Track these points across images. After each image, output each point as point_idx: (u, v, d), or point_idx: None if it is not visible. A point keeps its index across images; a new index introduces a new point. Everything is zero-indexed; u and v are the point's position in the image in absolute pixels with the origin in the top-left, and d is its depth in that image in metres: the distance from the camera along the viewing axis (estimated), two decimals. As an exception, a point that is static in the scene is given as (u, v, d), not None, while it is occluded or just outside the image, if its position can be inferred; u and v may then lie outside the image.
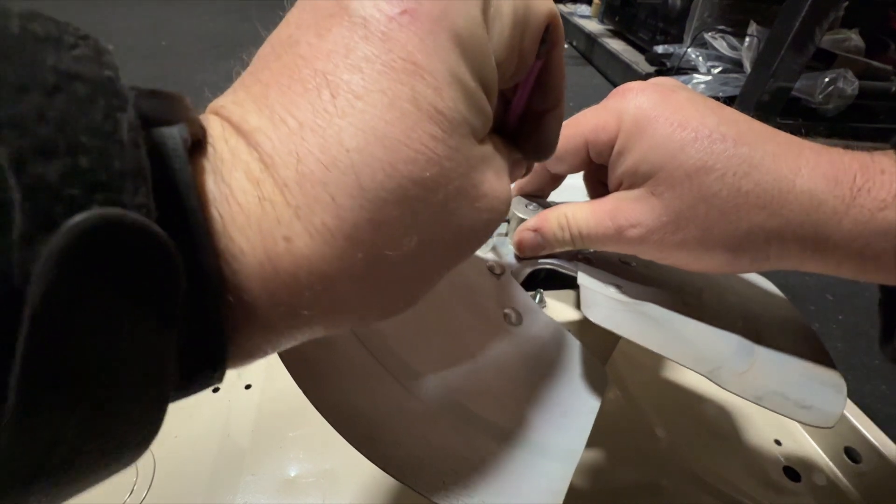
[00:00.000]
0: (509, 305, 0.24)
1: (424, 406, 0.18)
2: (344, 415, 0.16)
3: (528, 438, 0.19)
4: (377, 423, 0.17)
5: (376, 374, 0.18)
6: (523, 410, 0.20)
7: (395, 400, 0.18)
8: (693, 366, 0.20)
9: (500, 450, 0.18)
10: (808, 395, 0.21)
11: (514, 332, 0.23)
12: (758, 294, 0.29)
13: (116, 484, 0.28)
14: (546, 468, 0.18)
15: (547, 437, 0.19)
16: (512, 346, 0.22)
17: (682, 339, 0.22)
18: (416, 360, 0.19)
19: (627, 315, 0.23)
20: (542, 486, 0.17)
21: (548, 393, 0.21)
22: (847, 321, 0.56)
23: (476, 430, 0.18)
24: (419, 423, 0.18)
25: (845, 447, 0.33)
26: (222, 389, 0.35)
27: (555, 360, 0.23)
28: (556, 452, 0.19)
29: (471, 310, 0.23)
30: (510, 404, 0.20)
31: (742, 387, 0.21)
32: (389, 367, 0.19)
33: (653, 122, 0.20)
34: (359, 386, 0.17)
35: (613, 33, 1.58)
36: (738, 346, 0.23)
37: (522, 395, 0.21)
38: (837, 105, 0.95)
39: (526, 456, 0.18)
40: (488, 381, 0.20)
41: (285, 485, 0.29)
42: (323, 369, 0.17)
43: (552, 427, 0.20)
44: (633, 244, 0.21)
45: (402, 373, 0.19)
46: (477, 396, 0.19)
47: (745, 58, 1.04)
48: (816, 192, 0.18)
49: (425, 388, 0.19)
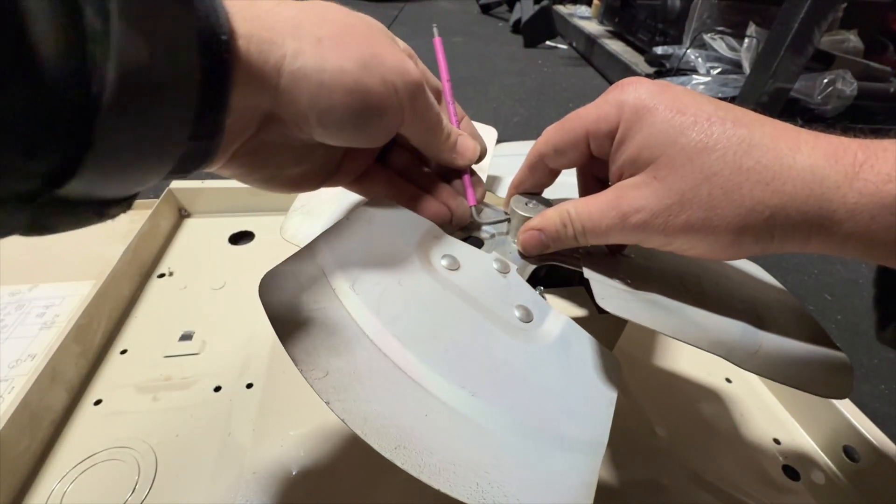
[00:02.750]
0: (518, 303, 0.24)
1: (450, 410, 0.18)
2: (374, 426, 0.16)
3: (552, 434, 0.19)
4: (407, 431, 0.17)
5: (399, 381, 0.18)
6: (544, 406, 0.20)
7: (420, 406, 0.18)
8: (710, 348, 0.21)
9: (527, 447, 0.18)
10: (817, 371, 0.22)
11: (526, 329, 0.23)
12: (752, 280, 0.29)
13: (119, 482, 0.28)
14: (574, 462, 0.18)
15: (570, 430, 0.19)
16: (526, 344, 0.22)
17: (694, 324, 0.23)
18: (437, 364, 0.19)
19: (640, 304, 0.23)
20: (572, 480, 0.18)
21: (566, 387, 0.21)
22: (846, 321, 0.57)
23: (501, 429, 0.18)
24: (447, 427, 0.18)
25: (844, 446, 0.33)
26: (224, 388, 0.35)
27: (569, 353, 0.23)
28: (581, 445, 0.19)
29: (482, 310, 0.23)
30: (530, 401, 0.20)
31: (758, 366, 0.21)
32: (411, 372, 0.19)
33: (652, 110, 0.21)
34: (384, 394, 0.17)
35: (613, 34, 1.58)
36: (744, 330, 0.23)
37: (541, 391, 0.21)
38: (836, 106, 0.96)
39: (553, 451, 0.18)
40: (507, 379, 0.20)
41: (286, 483, 0.29)
42: (345, 381, 0.17)
43: (574, 420, 0.20)
44: (638, 231, 0.21)
45: (424, 378, 0.19)
46: (497, 396, 0.19)
47: (745, 59, 1.04)
48: (818, 168, 0.18)
49: (449, 392, 0.19)
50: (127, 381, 0.34)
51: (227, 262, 0.47)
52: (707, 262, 0.29)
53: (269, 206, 0.53)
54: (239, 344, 0.38)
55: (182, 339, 0.38)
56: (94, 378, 0.35)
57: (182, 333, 0.39)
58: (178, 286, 0.44)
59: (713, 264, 0.29)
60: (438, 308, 0.22)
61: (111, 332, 0.38)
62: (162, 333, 0.39)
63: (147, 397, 0.33)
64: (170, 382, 0.35)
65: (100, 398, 0.33)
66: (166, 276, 0.45)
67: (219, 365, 0.36)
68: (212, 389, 0.35)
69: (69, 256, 0.47)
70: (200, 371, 0.36)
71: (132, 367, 0.36)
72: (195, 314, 0.41)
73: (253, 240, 0.51)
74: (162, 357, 0.37)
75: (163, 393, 0.34)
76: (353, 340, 0.19)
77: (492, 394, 0.19)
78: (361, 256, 0.22)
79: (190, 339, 0.38)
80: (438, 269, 0.24)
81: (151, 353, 0.37)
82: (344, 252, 0.22)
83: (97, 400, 0.33)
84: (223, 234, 0.51)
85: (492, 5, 2.17)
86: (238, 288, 0.44)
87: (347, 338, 0.19)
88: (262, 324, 0.40)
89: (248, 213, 0.54)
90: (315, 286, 0.20)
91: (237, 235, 0.51)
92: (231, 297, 0.43)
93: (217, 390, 0.35)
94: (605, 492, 0.31)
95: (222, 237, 0.50)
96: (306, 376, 0.17)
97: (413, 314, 0.21)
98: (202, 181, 0.53)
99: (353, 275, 0.21)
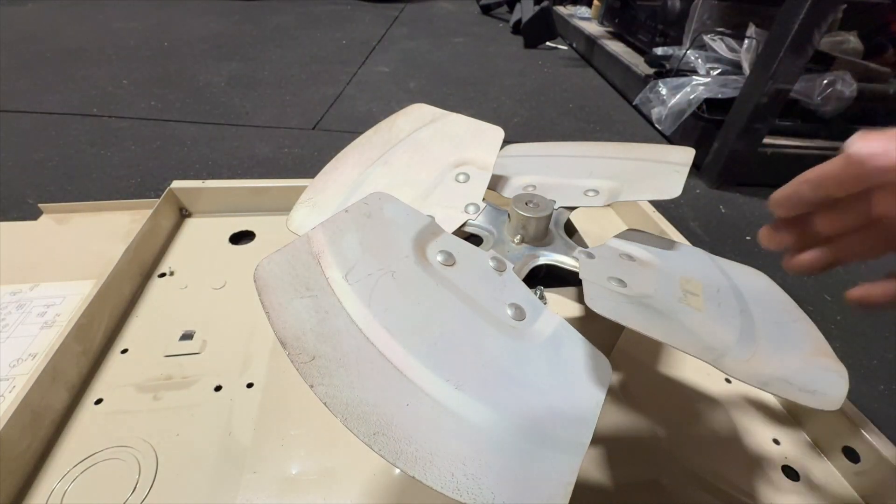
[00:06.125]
0: (512, 301, 0.24)
1: (433, 401, 0.18)
2: (355, 412, 0.16)
3: (534, 431, 0.19)
4: (387, 419, 0.17)
5: (385, 371, 0.19)
6: (529, 404, 0.20)
7: (404, 395, 0.18)
8: (698, 354, 0.20)
9: (508, 443, 0.18)
10: (812, 380, 0.22)
11: (517, 328, 0.23)
12: (754, 286, 0.29)
13: (119, 481, 0.28)
14: (554, 460, 0.18)
15: (554, 429, 0.19)
16: (516, 341, 0.22)
17: (685, 330, 0.23)
18: (424, 356, 0.20)
19: (631, 307, 0.23)
20: (550, 478, 0.18)
21: (553, 386, 0.21)
22: (845, 322, 0.57)
23: (484, 423, 0.18)
24: (428, 417, 0.18)
25: (844, 447, 0.33)
26: (224, 388, 0.35)
27: (559, 353, 0.23)
28: (563, 445, 0.19)
29: (474, 306, 0.23)
30: (516, 398, 0.20)
31: (747, 374, 0.21)
32: (397, 363, 0.19)
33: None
34: (368, 382, 0.18)
35: (613, 35, 1.59)
36: (739, 335, 0.23)
37: (528, 388, 0.21)
38: (836, 107, 0.96)
39: (533, 448, 0.18)
40: (493, 375, 0.20)
41: (286, 483, 0.29)
42: (331, 367, 0.17)
43: (559, 420, 0.20)
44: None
45: (410, 369, 0.19)
46: (483, 391, 0.19)
47: (744, 60, 1.04)
48: None
49: (433, 384, 0.19)
50: (127, 381, 0.34)
51: (227, 261, 0.47)
52: (711, 268, 0.29)
53: (269, 206, 0.53)
54: (239, 343, 0.38)
55: (182, 338, 0.38)
56: (95, 377, 0.35)
57: (182, 333, 0.39)
58: (179, 286, 0.44)
59: (716, 270, 0.29)
60: (430, 302, 0.22)
61: (112, 332, 0.38)
62: (162, 333, 0.39)
63: (148, 397, 0.33)
64: (170, 382, 0.35)
65: (100, 397, 0.33)
66: (167, 276, 0.45)
67: (219, 364, 0.36)
68: (212, 389, 0.35)
69: (70, 256, 0.47)
70: (201, 370, 0.36)
71: (133, 366, 0.36)
72: (196, 314, 0.41)
73: (254, 239, 0.51)
74: (162, 356, 0.37)
75: (163, 392, 0.34)
76: (342, 328, 0.19)
77: (477, 388, 0.19)
78: (357, 248, 0.23)
79: (190, 339, 0.38)
80: (434, 263, 0.24)
81: (152, 352, 0.37)
82: (340, 242, 0.22)
83: (98, 399, 0.33)
84: (224, 233, 0.51)
85: (492, 6, 2.17)
86: (238, 288, 0.44)
87: (337, 326, 0.19)
88: (263, 323, 0.40)
89: (248, 212, 0.54)
90: (309, 274, 0.20)
91: (238, 235, 0.51)
92: (231, 297, 0.43)
93: (217, 390, 0.35)
94: (605, 492, 0.31)
95: (223, 237, 0.51)
96: (293, 359, 0.17)
97: (404, 306, 0.21)
98: (203, 181, 0.53)
99: (348, 265, 0.21)
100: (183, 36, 1.51)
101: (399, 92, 1.16)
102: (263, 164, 0.81)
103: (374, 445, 0.16)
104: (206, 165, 0.80)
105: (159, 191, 0.48)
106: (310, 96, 1.12)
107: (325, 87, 1.17)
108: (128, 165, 0.78)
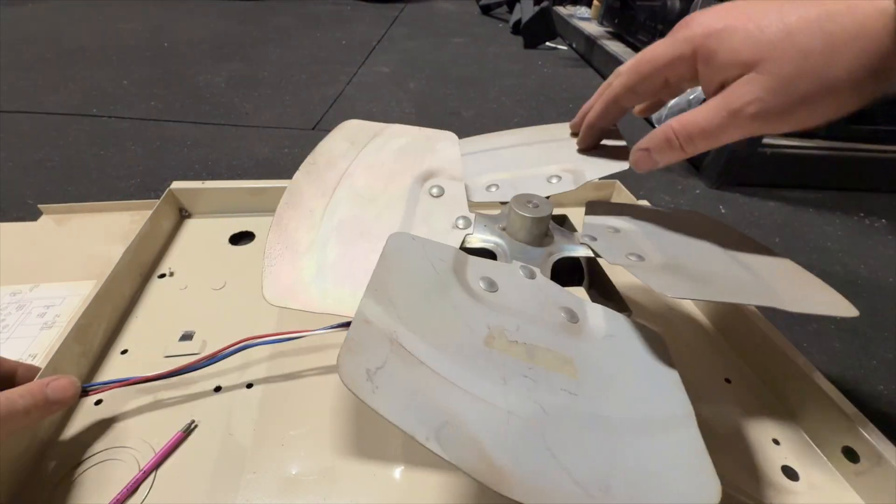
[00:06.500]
0: (559, 305, 0.24)
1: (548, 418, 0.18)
2: None
3: (643, 421, 0.19)
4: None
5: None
6: (622, 397, 0.20)
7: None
8: (759, 302, 0.24)
9: (627, 441, 0.18)
10: (826, 302, 0.26)
11: (578, 328, 0.23)
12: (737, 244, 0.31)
13: (119, 482, 0.28)
14: (676, 438, 0.18)
15: (656, 412, 0.19)
16: (588, 343, 0.22)
17: (737, 284, 0.25)
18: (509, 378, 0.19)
19: (645, 269, 0.24)
20: (684, 455, 0.18)
21: (636, 375, 0.21)
22: (845, 322, 0.56)
23: (594, 428, 0.18)
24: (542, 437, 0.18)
25: (844, 447, 0.33)
26: (224, 388, 0.35)
27: (624, 343, 0.23)
28: (673, 422, 0.19)
29: (538, 323, 0.23)
30: (610, 395, 0.20)
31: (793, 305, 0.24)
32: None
33: (723, 30, 0.23)
34: (506, 441, 0.17)
35: (613, 35, 1.58)
36: (758, 284, 0.25)
37: (619, 383, 0.21)
38: (836, 107, 0.96)
39: (651, 439, 0.18)
40: (590, 379, 0.21)
41: (286, 483, 0.29)
42: (454, 434, 0.17)
43: (655, 403, 0.20)
44: (753, 120, 0.23)
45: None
46: (592, 397, 0.19)
47: (744, 60, 1.05)
48: None
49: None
50: (127, 381, 0.34)
51: (227, 262, 0.47)
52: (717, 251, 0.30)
53: (269, 206, 0.53)
54: (239, 344, 0.38)
55: (182, 339, 0.38)
56: (95, 378, 0.35)
57: (182, 333, 0.39)
58: (179, 286, 0.44)
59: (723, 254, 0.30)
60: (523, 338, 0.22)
61: (112, 333, 0.38)
62: (162, 333, 0.39)
63: (147, 397, 0.33)
64: (170, 382, 0.35)
65: (100, 398, 0.33)
66: (167, 277, 0.45)
67: (219, 365, 0.36)
68: (212, 389, 0.35)
69: (70, 257, 0.47)
70: (200, 371, 0.36)
71: (133, 366, 0.36)
72: (195, 314, 0.41)
73: (253, 240, 0.51)
74: (162, 357, 0.37)
75: (163, 393, 0.34)
76: (446, 393, 0.18)
77: (588, 395, 0.20)
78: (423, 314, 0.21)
79: (190, 339, 0.38)
80: (482, 294, 0.24)
81: (152, 352, 0.37)
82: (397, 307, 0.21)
83: (98, 400, 0.33)
84: (223, 234, 0.51)
85: (492, 6, 2.17)
86: (238, 288, 0.44)
87: (441, 391, 0.18)
88: (262, 324, 0.40)
89: (248, 213, 0.54)
90: (389, 352, 0.19)
91: (237, 236, 0.51)
92: (231, 298, 0.43)
93: (217, 390, 0.35)
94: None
95: (223, 237, 0.51)
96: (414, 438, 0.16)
97: (485, 352, 0.21)
98: (202, 182, 0.53)
99: (417, 328, 0.20)
100: (183, 36, 1.51)
101: (399, 92, 1.15)
102: (263, 165, 0.81)
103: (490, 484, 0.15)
104: (206, 166, 0.80)
105: (159, 191, 0.48)
106: (310, 97, 1.12)
107: (325, 88, 1.17)
108: (128, 166, 0.78)
